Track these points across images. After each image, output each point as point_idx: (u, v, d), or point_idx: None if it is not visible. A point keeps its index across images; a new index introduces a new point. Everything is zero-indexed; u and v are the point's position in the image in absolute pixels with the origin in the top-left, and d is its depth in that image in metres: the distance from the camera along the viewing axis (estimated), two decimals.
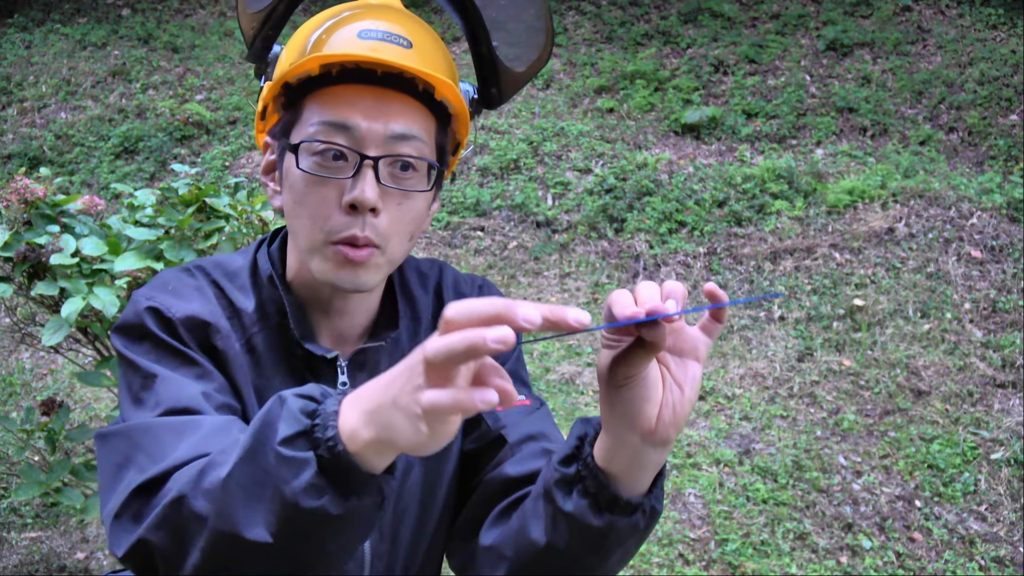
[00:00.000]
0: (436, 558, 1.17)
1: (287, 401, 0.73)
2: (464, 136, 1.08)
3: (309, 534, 0.72)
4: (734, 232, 4.77)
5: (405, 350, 1.11)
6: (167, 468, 0.81)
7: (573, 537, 0.90)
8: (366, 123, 0.95)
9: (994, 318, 4.07)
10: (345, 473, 0.70)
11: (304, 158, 0.97)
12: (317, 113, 0.97)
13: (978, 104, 5.54)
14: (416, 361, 0.64)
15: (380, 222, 0.96)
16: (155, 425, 0.88)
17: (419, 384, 0.63)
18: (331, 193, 0.96)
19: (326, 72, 0.96)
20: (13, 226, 1.99)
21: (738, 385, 3.79)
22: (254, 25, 1.06)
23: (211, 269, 1.06)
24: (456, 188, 5.31)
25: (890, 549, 2.90)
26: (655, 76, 6.17)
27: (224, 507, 0.73)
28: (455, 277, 1.20)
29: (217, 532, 0.73)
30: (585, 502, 0.87)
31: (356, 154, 0.95)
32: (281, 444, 0.70)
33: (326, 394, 0.74)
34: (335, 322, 1.07)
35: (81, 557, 2.88)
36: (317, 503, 0.69)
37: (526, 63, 1.13)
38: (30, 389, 3.94)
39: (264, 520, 0.71)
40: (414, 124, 0.97)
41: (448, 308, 0.62)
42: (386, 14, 1.01)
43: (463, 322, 0.61)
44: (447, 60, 1.05)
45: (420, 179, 0.99)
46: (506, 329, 0.59)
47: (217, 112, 6.19)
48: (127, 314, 0.99)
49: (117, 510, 0.81)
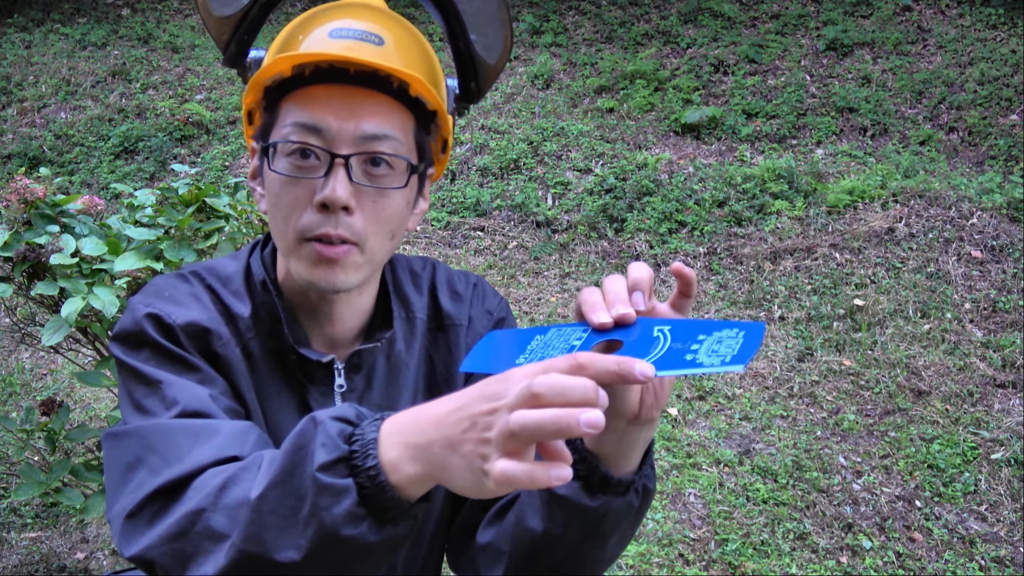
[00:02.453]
0: (436, 558, 1.17)
1: (323, 424, 0.72)
2: (449, 133, 1.07)
3: (342, 560, 0.71)
4: (734, 232, 4.76)
5: (399, 350, 1.11)
6: (188, 472, 0.80)
7: (570, 522, 0.91)
8: (337, 123, 0.94)
9: (994, 318, 4.07)
10: (385, 502, 0.69)
11: (278, 159, 0.96)
12: (291, 114, 0.96)
13: (978, 104, 5.54)
14: (482, 411, 0.64)
15: (355, 221, 0.96)
16: (170, 427, 0.87)
17: (489, 442, 0.63)
18: (303, 193, 0.95)
19: (300, 73, 0.96)
20: (13, 226, 1.99)
21: (738, 385, 3.79)
22: (225, 30, 1.05)
23: (206, 275, 1.05)
24: (456, 188, 5.31)
25: (890, 549, 2.90)
26: (655, 76, 6.16)
27: (254, 529, 0.72)
28: (448, 275, 1.19)
29: (243, 552, 0.72)
30: (578, 485, 0.89)
31: (327, 153, 0.94)
32: (320, 471, 0.69)
33: (362, 416, 0.74)
34: (327, 326, 1.07)
35: (81, 557, 2.87)
36: (355, 531, 0.69)
37: (497, 54, 1.13)
38: (30, 389, 3.94)
39: (297, 545, 0.70)
40: (387, 123, 0.96)
41: (538, 383, 0.62)
42: (361, 13, 1.00)
43: (553, 400, 0.61)
44: (425, 58, 1.04)
45: (396, 177, 0.98)
46: (597, 413, 0.60)
47: (217, 112, 6.19)
48: (125, 322, 0.98)
49: (132, 510, 0.81)
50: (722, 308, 4.33)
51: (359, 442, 0.70)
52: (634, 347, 0.74)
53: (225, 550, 0.73)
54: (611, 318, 0.78)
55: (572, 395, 0.61)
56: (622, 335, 0.77)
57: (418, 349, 1.13)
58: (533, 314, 4.38)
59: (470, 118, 5.85)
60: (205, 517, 0.75)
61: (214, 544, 0.74)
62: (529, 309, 4.43)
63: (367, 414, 0.74)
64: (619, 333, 0.78)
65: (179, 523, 0.76)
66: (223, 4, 1.04)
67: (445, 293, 1.16)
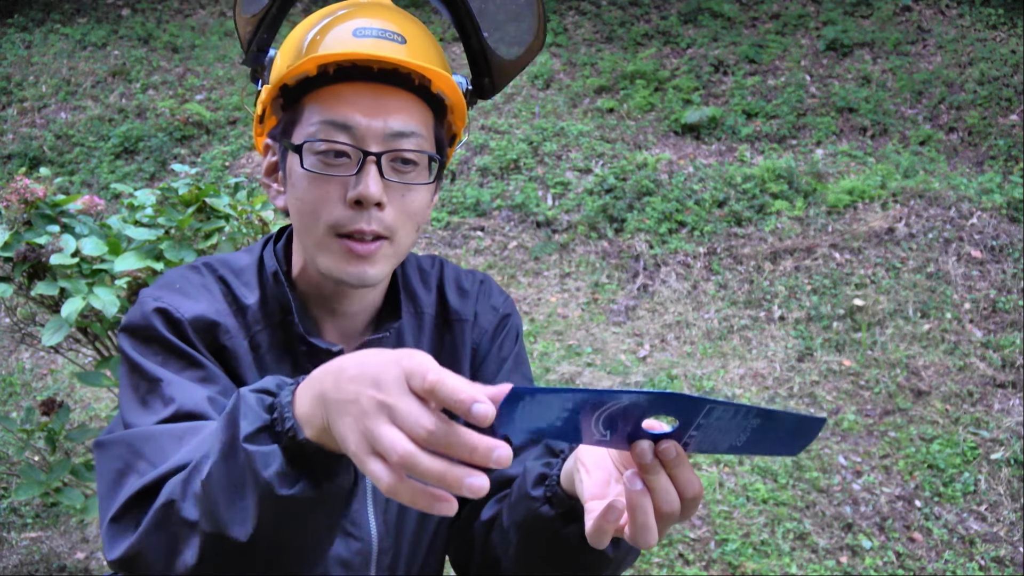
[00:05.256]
0: (439, 555, 1.18)
1: (244, 398, 0.74)
2: (460, 127, 1.10)
3: (290, 522, 0.73)
4: (734, 232, 4.77)
5: (408, 344, 1.12)
6: (162, 473, 0.82)
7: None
8: (366, 121, 0.96)
9: (994, 318, 4.07)
10: (311, 456, 0.71)
11: (307, 157, 0.98)
12: (317, 113, 0.98)
13: (978, 104, 5.54)
14: (369, 396, 0.63)
15: (386, 215, 0.98)
16: (156, 432, 0.88)
17: (371, 432, 0.62)
18: (335, 190, 0.97)
19: (323, 72, 0.97)
20: (13, 226, 1.99)
21: (738, 385, 3.79)
22: (249, 29, 1.07)
23: (217, 266, 1.07)
24: (456, 188, 5.31)
25: (890, 549, 2.90)
26: (655, 76, 6.16)
27: (207, 508, 0.74)
28: (456, 272, 1.21)
29: (206, 535, 0.74)
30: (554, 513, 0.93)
31: (359, 151, 0.96)
32: (246, 442, 0.71)
33: (282, 385, 0.75)
34: (339, 318, 1.09)
35: (81, 557, 2.88)
36: (292, 491, 0.70)
37: (518, 50, 1.14)
38: (30, 389, 3.94)
39: (246, 517, 0.72)
40: (412, 119, 0.99)
41: (421, 427, 0.60)
42: (378, 12, 1.02)
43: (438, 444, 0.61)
44: (439, 54, 1.06)
45: (421, 172, 1.01)
46: (483, 479, 0.60)
47: (217, 112, 6.19)
48: (134, 315, 0.99)
49: (115, 513, 0.82)
50: (722, 308, 4.33)
51: (277, 408, 0.72)
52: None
53: (196, 537, 0.75)
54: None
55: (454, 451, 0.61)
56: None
57: (425, 344, 1.15)
58: (533, 314, 4.39)
59: (470, 118, 5.84)
60: (176, 507, 0.76)
61: (188, 533, 0.76)
62: (529, 309, 4.44)
63: (288, 381, 0.75)
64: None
65: (155, 518, 0.78)
66: (249, 3, 1.07)
67: (452, 289, 1.18)
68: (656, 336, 4.21)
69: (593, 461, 0.83)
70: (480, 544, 1.07)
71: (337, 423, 0.66)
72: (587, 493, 0.81)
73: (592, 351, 4.06)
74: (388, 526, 1.08)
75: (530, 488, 0.94)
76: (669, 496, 0.72)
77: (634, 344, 4.14)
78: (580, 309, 4.42)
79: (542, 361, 4.01)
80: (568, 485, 0.89)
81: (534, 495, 0.93)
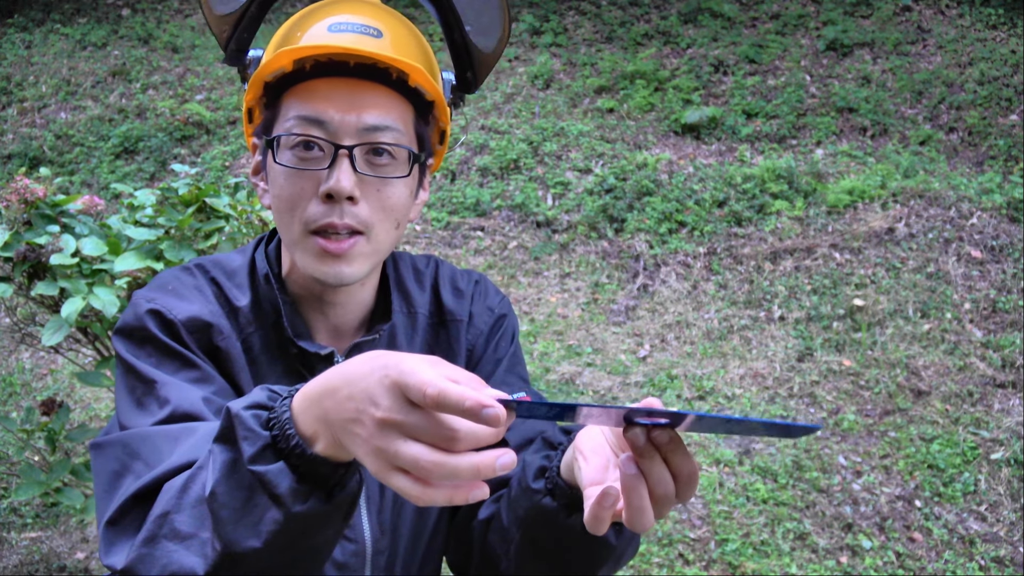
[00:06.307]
0: (436, 555, 1.17)
1: (239, 416, 0.72)
2: (447, 124, 1.09)
3: (303, 533, 0.73)
4: (734, 232, 4.76)
5: (400, 344, 1.12)
6: (159, 475, 0.81)
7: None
8: (340, 115, 0.96)
9: (994, 318, 4.07)
10: (323, 471, 0.71)
11: (282, 152, 0.97)
12: (293, 108, 0.97)
13: (978, 104, 5.54)
14: (369, 414, 0.64)
15: (360, 210, 0.97)
16: (152, 433, 0.88)
17: (381, 450, 0.64)
18: (308, 184, 0.97)
19: (300, 67, 0.97)
20: (13, 226, 1.99)
21: (738, 385, 3.79)
22: (225, 28, 1.07)
23: (210, 267, 1.07)
24: (456, 188, 5.31)
25: (890, 549, 2.90)
26: (655, 76, 6.16)
27: (214, 525, 0.73)
28: (451, 272, 1.20)
29: (214, 549, 0.74)
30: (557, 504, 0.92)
31: (331, 144, 0.96)
32: (251, 463, 0.71)
33: (274, 397, 0.75)
34: (330, 318, 1.08)
35: (81, 557, 2.87)
36: (306, 506, 0.71)
37: (494, 41, 1.14)
38: (30, 389, 3.94)
39: (256, 533, 0.72)
40: (388, 114, 0.98)
41: (425, 461, 0.62)
42: (357, 7, 1.02)
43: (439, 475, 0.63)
44: (422, 50, 1.05)
45: (398, 166, 1.00)
46: (484, 489, 0.63)
47: (217, 112, 6.19)
48: (128, 317, 0.99)
49: (112, 516, 0.81)
50: (722, 308, 4.33)
51: (276, 425, 0.72)
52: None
53: (196, 549, 0.74)
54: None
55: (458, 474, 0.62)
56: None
57: (419, 344, 1.14)
58: (533, 314, 4.38)
59: (470, 118, 5.85)
60: (171, 519, 0.76)
61: (184, 545, 0.75)
62: (529, 309, 4.43)
63: (280, 391, 0.75)
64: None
65: (149, 528, 0.77)
66: (223, 2, 1.06)
67: (447, 289, 1.18)
68: (656, 336, 4.20)
69: (591, 448, 0.83)
70: (479, 544, 1.07)
71: (347, 443, 0.67)
72: (586, 479, 0.81)
73: (592, 351, 4.06)
74: (383, 527, 1.08)
75: (531, 481, 0.93)
76: (664, 479, 0.73)
77: (634, 344, 4.14)
78: (580, 309, 4.42)
79: (542, 361, 4.01)
80: (568, 475, 0.89)
81: (535, 488, 0.92)
